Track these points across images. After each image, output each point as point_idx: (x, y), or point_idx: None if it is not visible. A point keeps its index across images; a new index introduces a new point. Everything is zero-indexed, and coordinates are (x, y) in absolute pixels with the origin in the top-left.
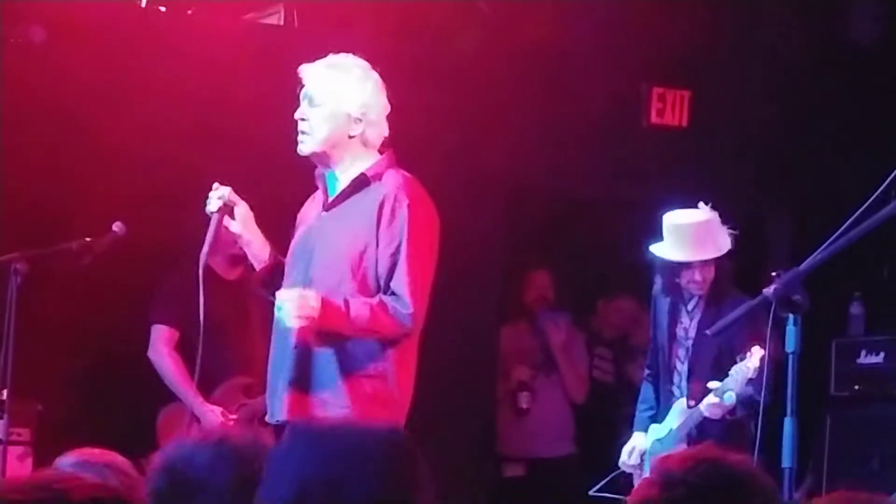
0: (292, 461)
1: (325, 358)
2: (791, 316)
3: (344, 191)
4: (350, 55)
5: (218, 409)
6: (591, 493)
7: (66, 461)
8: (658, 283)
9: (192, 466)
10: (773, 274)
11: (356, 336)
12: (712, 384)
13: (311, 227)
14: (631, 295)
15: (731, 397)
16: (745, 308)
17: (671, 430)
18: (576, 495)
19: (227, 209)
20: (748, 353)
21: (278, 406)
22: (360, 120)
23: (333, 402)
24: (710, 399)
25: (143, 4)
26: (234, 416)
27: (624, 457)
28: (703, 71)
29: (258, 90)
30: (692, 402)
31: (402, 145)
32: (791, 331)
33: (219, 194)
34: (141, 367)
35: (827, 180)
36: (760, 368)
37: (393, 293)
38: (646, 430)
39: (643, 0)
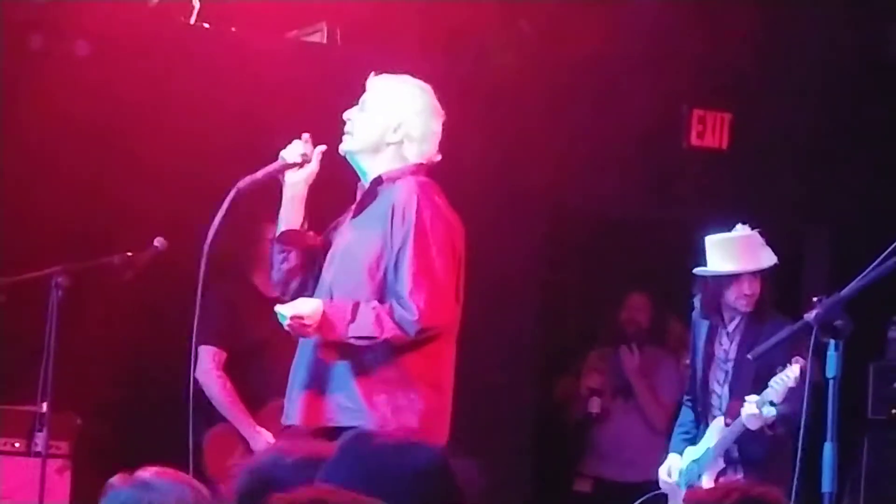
0: (340, 479)
1: (341, 362)
2: (832, 341)
3: (364, 196)
4: (416, 79)
5: (266, 434)
6: None
7: (152, 476)
8: (698, 305)
9: (277, 469)
10: (815, 299)
11: (361, 342)
12: (750, 397)
13: (339, 233)
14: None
15: (770, 411)
16: (787, 332)
17: (708, 448)
18: None
19: (298, 166)
20: (789, 364)
21: (293, 409)
22: (398, 129)
23: (349, 408)
24: (750, 409)
25: (193, 20)
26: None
27: (663, 476)
28: (743, 94)
29: (302, 108)
30: (729, 421)
31: (443, 163)
32: (832, 356)
33: (303, 149)
34: (179, 383)
35: (866, 202)
36: (801, 380)
37: (399, 298)
38: (680, 453)
39: (685, 22)
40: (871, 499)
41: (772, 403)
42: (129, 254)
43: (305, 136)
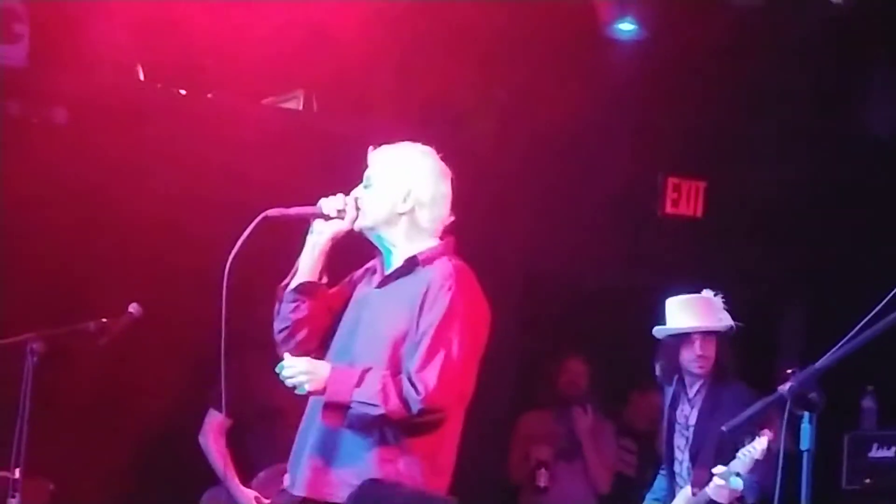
0: None
1: (349, 436)
2: (806, 414)
3: (395, 271)
4: (420, 146)
5: (252, 493)
6: None
7: None
8: (658, 369)
9: None
10: (789, 371)
11: (364, 409)
12: (717, 469)
13: (361, 301)
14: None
15: (737, 482)
16: (761, 405)
17: None
18: None
19: (332, 219)
20: (757, 436)
21: (299, 479)
22: (408, 198)
23: (354, 486)
24: (717, 482)
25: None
26: (268, 501)
27: None
28: (717, 162)
29: (278, 173)
30: (696, 490)
31: None
32: (806, 429)
33: (342, 204)
34: (154, 447)
35: (843, 271)
36: (768, 451)
37: (408, 374)
38: None
39: (658, 91)
40: None
41: (738, 475)
42: (104, 320)
43: (352, 197)
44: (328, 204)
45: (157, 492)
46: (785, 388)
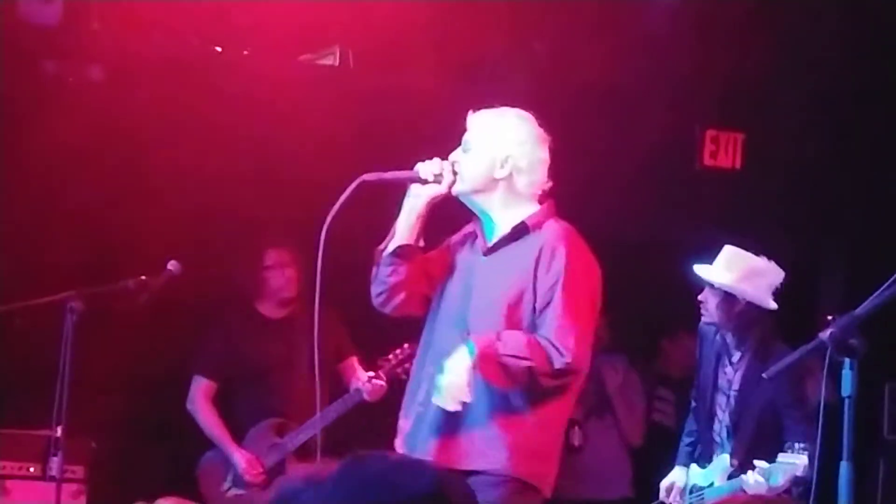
0: (335, 500)
1: (476, 405)
2: (847, 360)
3: (503, 237)
4: (516, 110)
5: (245, 454)
6: None
7: None
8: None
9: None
10: (829, 318)
11: (513, 363)
12: (759, 463)
13: (468, 268)
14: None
15: (777, 481)
16: (802, 352)
17: (713, 484)
18: None
19: (428, 183)
20: (798, 447)
21: (423, 449)
22: (505, 164)
23: (486, 452)
24: (756, 478)
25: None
26: (260, 461)
27: (662, 494)
28: (755, 113)
29: (314, 131)
30: (734, 462)
31: None
32: (847, 375)
33: (440, 169)
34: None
35: (882, 220)
36: (808, 470)
37: (548, 339)
38: (686, 465)
39: (695, 42)
40: None
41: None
42: (143, 277)
43: (448, 161)
44: (425, 168)
45: (198, 448)
46: (825, 334)
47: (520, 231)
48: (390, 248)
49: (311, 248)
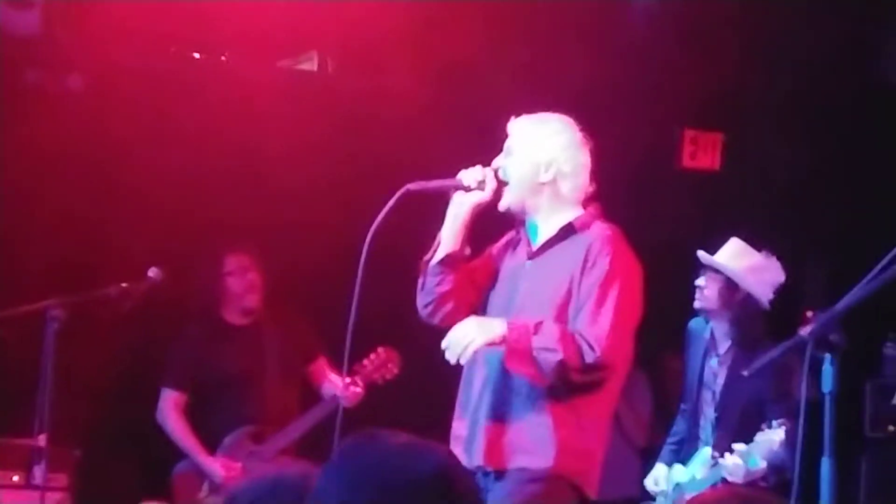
0: (338, 483)
1: (524, 403)
2: (828, 356)
3: (550, 239)
4: (559, 115)
5: (219, 462)
6: None
7: None
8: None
9: (254, 500)
10: (809, 314)
11: (544, 356)
12: (737, 446)
13: (513, 273)
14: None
15: (756, 463)
16: (782, 348)
17: (694, 478)
18: None
19: (472, 191)
20: (774, 423)
21: (476, 451)
22: (549, 168)
23: (534, 452)
24: (735, 460)
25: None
26: (237, 465)
27: (649, 485)
28: (735, 114)
29: (293, 136)
30: (716, 454)
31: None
32: (828, 371)
33: (482, 176)
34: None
35: (862, 222)
36: (786, 443)
37: (580, 333)
38: (668, 463)
39: (676, 44)
40: None
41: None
42: (125, 285)
43: (490, 168)
44: (468, 175)
45: (182, 455)
46: (805, 330)
47: (567, 232)
48: (437, 257)
49: (288, 251)
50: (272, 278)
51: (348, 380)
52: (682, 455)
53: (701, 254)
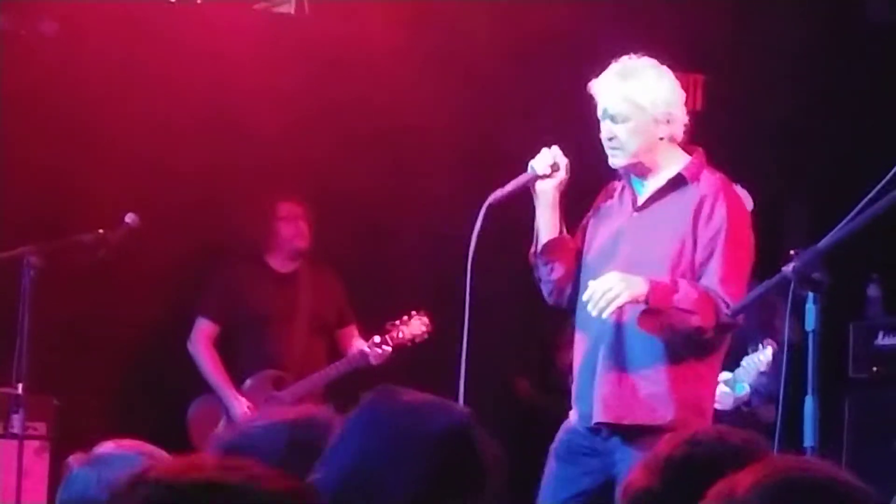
0: (358, 437)
1: (641, 359)
2: (811, 294)
3: (659, 190)
4: (637, 57)
5: (244, 401)
6: None
7: (105, 450)
8: None
9: (246, 438)
10: (792, 252)
11: (679, 317)
12: (723, 375)
13: (621, 226)
14: None
15: (743, 388)
16: (765, 286)
17: None
18: None
19: (548, 176)
20: (760, 345)
21: (592, 407)
22: (668, 121)
23: (656, 407)
24: (722, 388)
25: None
26: (255, 407)
27: None
28: (716, 55)
29: (270, 80)
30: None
31: (414, 132)
32: (811, 309)
33: (551, 158)
34: (156, 360)
35: (843, 163)
36: (773, 362)
37: (713, 289)
38: None
39: None
40: (853, 458)
41: (743, 382)
42: (101, 231)
43: (555, 147)
44: (539, 163)
45: (159, 403)
46: (789, 268)
47: (677, 182)
48: (539, 247)
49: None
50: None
51: (378, 338)
52: None
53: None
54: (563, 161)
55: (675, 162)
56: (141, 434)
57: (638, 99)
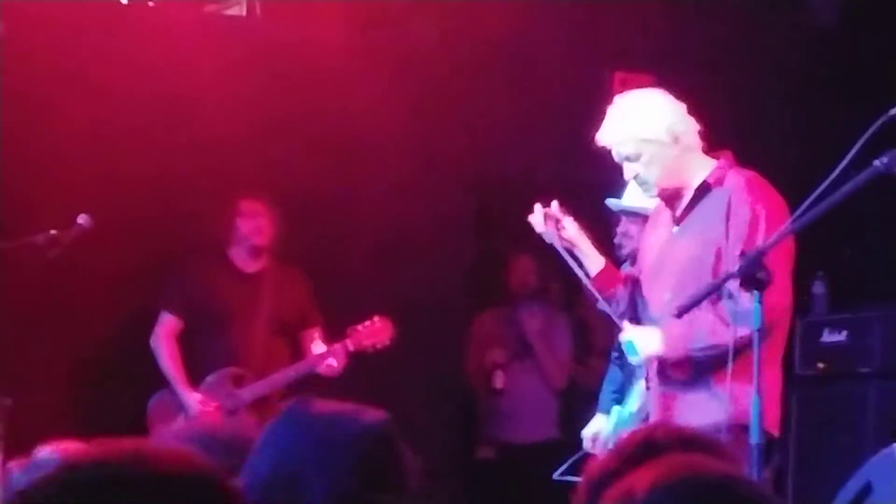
0: (280, 443)
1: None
2: (756, 293)
3: (690, 202)
4: (624, 95)
5: (198, 397)
6: (554, 476)
7: (41, 455)
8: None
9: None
10: (738, 253)
11: (702, 354)
12: None
13: (664, 243)
14: None
15: None
16: (711, 286)
17: (631, 413)
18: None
19: (557, 232)
20: None
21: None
22: (675, 139)
23: (707, 409)
24: None
25: None
26: (215, 404)
27: (587, 443)
28: (664, 56)
29: (222, 82)
30: (650, 385)
31: (366, 135)
32: (756, 308)
33: (550, 219)
34: (110, 359)
35: (787, 163)
36: None
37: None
38: (608, 412)
39: None
40: (800, 453)
41: None
42: (53, 232)
43: (537, 206)
44: (538, 225)
45: (114, 401)
46: (734, 268)
47: (703, 190)
48: (592, 286)
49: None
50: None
51: (336, 346)
52: (624, 400)
53: (610, 202)
54: (556, 213)
55: (701, 170)
56: (98, 432)
57: (640, 133)
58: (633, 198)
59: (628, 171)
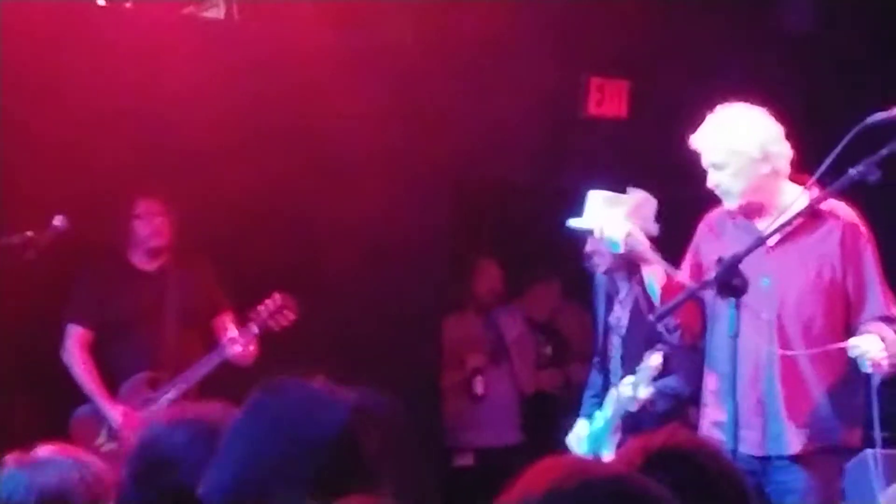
0: (249, 432)
1: (801, 386)
2: (732, 300)
3: (795, 225)
4: (728, 105)
5: (120, 408)
6: None
7: (42, 454)
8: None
9: (169, 445)
10: (715, 259)
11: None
12: (626, 379)
13: (756, 263)
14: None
15: (645, 392)
16: (687, 292)
17: (606, 419)
18: None
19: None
20: (648, 355)
21: (751, 438)
22: (766, 158)
23: (816, 432)
24: (625, 391)
25: None
26: (138, 414)
27: (571, 442)
28: (640, 61)
29: (199, 83)
30: None
31: (342, 138)
32: (732, 314)
33: (595, 235)
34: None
35: None
36: (663, 368)
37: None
38: (590, 417)
39: None
40: None
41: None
42: (30, 233)
43: (597, 228)
44: (592, 244)
45: (70, 402)
46: (710, 275)
47: (812, 215)
48: (659, 297)
49: (193, 200)
50: (181, 227)
51: (238, 335)
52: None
53: (572, 222)
54: (598, 233)
55: (790, 195)
56: (47, 434)
57: (733, 145)
58: (591, 218)
59: (711, 178)
